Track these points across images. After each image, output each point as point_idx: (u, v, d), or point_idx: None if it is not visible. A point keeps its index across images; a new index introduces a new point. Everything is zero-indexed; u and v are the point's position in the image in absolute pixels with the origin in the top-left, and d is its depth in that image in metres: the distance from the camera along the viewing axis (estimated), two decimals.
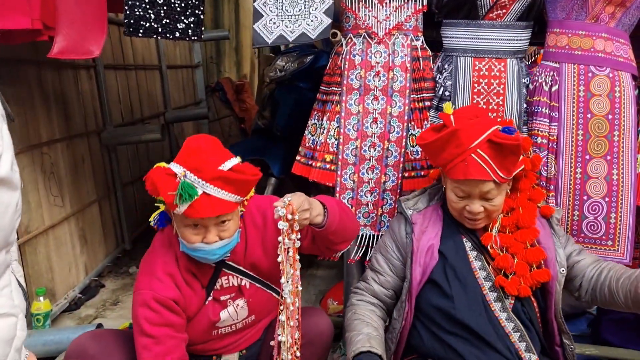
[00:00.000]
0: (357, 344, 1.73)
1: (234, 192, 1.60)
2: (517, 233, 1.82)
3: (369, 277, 1.94)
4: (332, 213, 1.71)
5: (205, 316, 1.81)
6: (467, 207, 1.76)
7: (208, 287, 1.80)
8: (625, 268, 1.78)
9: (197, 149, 1.61)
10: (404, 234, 1.89)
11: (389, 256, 1.91)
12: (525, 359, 1.77)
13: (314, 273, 3.70)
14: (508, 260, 1.78)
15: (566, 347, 1.87)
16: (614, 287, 1.73)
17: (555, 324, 1.86)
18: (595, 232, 2.05)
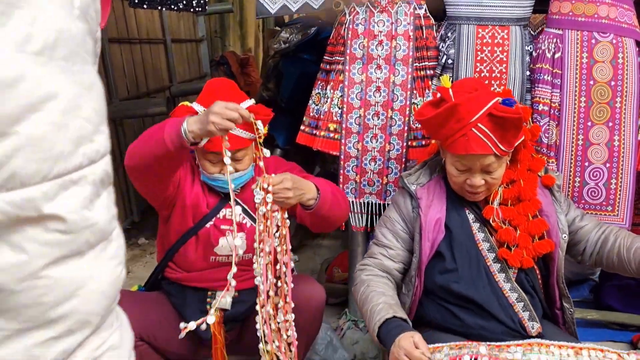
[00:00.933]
0: (380, 312, 1.71)
1: (248, 129, 1.78)
2: (519, 206, 1.82)
3: (376, 252, 1.93)
4: (324, 199, 1.80)
5: (205, 238, 1.97)
6: (468, 180, 1.76)
7: (212, 212, 1.98)
8: (632, 235, 1.80)
9: (216, 90, 1.84)
10: (410, 208, 1.89)
11: (397, 229, 1.91)
12: (528, 328, 1.81)
13: (320, 243, 3.76)
14: (510, 234, 1.80)
15: (566, 311, 1.91)
16: (625, 256, 1.76)
17: (557, 289, 1.90)
18: (596, 198, 2.08)
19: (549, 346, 1.71)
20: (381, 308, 1.71)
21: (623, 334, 2.47)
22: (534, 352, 1.70)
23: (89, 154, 0.49)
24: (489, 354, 1.70)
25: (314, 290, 2.01)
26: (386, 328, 1.66)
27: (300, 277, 2.09)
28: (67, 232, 0.46)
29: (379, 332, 1.67)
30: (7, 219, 0.43)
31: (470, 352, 1.71)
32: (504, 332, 1.80)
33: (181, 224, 2.02)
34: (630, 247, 1.76)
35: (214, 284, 2.02)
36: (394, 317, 1.69)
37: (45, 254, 0.45)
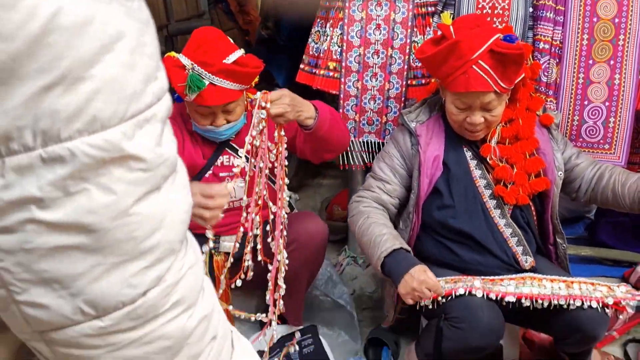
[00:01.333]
0: (386, 243, 1.75)
1: (238, 82, 1.75)
2: (516, 144, 1.84)
3: (373, 185, 1.95)
4: (323, 119, 1.78)
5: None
6: (468, 119, 1.76)
7: (209, 161, 1.98)
8: (626, 172, 1.83)
9: (203, 41, 1.74)
10: (410, 145, 1.91)
11: (395, 165, 1.94)
12: (521, 262, 1.87)
13: (320, 182, 3.79)
14: (507, 171, 1.82)
15: (559, 246, 1.97)
16: (619, 191, 1.79)
17: (551, 225, 1.94)
18: (594, 137, 2.09)
19: (542, 280, 1.78)
20: (386, 239, 1.75)
21: (616, 270, 2.53)
22: (527, 285, 1.76)
23: (156, 92, 0.50)
24: (483, 287, 1.77)
25: (317, 226, 2.04)
26: (394, 259, 1.71)
27: (304, 214, 2.12)
28: (147, 170, 0.49)
29: (384, 262, 1.72)
30: (94, 162, 0.45)
31: (465, 285, 1.78)
32: (499, 266, 1.86)
33: None
34: (625, 182, 1.79)
35: (217, 230, 2.06)
36: (401, 249, 1.74)
37: (132, 193, 0.48)
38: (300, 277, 2.10)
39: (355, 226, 1.89)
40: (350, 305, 2.30)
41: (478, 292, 1.75)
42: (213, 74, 1.71)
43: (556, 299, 1.72)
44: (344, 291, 2.32)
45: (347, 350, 2.24)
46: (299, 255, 2.00)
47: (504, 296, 1.74)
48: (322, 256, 2.13)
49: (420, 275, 1.68)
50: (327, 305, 2.35)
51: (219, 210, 1.64)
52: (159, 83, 0.51)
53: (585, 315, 1.73)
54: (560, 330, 1.82)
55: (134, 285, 0.50)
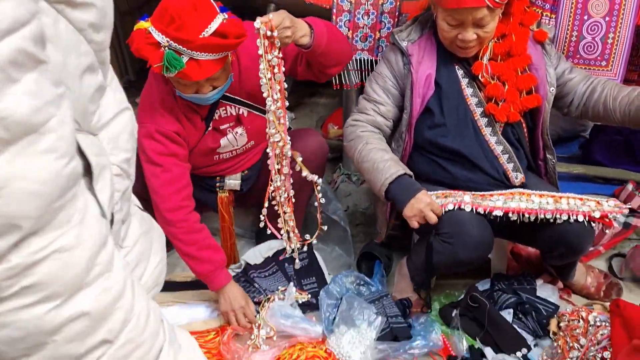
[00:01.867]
0: (390, 169, 1.77)
1: (220, 51, 1.60)
2: (508, 61, 1.81)
3: (368, 108, 1.94)
4: (319, 34, 1.70)
5: (205, 145, 1.94)
6: (460, 35, 1.73)
7: (207, 119, 1.91)
8: (619, 85, 1.82)
9: (176, 14, 1.53)
10: (402, 64, 1.88)
11: (387, 86, 1.92)
12: (511, 178, 1.90)
13: (316, 101, 3.77)
14: (498, 89, 1.81)
15: (548, 162, 1.99)
16: (610, 105, 1.79)
17: (541, 141, 1.95)
18: (591, 53, 2.06)
19: (530, 195, 1.81)
20: (389, 165, 1.77)
21: (607, 188, 2.57)
22: (515, 200, 1.80)
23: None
24: (472, 202, 1.81)
25: (318, 142, 2.07)
26: (398, 184, 1.75)
27: (304, 131, 2.13)
28: None
29: (388, 188, 1.76)
30: None
31: (454, 200, 1.81)
32: (489, 182, 1.89)
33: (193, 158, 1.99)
34: (617, 96, 1.78)
35: (221, 172, 2.07)
36: (404, 174, 1.76)
37: None
38: (301, 193, 2.13)
39: (354, 151, 1.89)
40: (344, 221, 2.35)
41: (467, 207, 1.79)
42: (192, 50, 1.55)
43: (543, 213, 1.76)
44: (338, 207, 2.37)
45: (340, 264, 2.32)
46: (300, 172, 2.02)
47: (492, 210, 1.79)
48: (323, 172, 2.16)
49: (426, 198, 1.74)
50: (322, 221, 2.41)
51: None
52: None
53: (571, 228, 1.78)
54: (546, 244, 1.88)
55: None
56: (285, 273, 2.19)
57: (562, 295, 2.10)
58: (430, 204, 1.73)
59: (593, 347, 1.74)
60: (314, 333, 1.88)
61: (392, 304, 1.97)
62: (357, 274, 2.13)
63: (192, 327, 1.92)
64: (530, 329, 1.88)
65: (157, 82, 1.85)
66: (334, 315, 1.93)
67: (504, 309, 1.93)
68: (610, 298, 2.05)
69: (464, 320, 1.91)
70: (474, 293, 1.91)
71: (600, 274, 2.14)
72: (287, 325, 1.88)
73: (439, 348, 1.85)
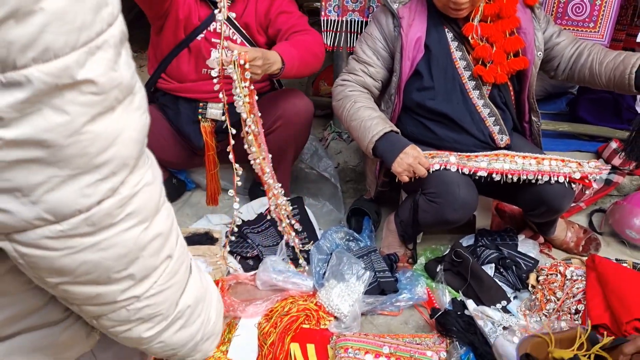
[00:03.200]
0: (377, 127, 1.80)
1: None
2: (498, 22, 1.83)
3: (357, 68, 1.95)
4: (290, 68, 1.84)
5: (197, 51, 2.07)
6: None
7: (203, 23, 2.03)
8: (605, 50, 1.84)
9: None
10: (392, 27, 1.89)
11: (377, 47, 1.93)
12: (497, 140, 1.95)
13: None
14: (487, 50, 1.83)
15: (533, 124, 2.04)
16: (596, 70, 1.81)
17: (527, 104, 1.99)
18: (579, 15, 2.08)
19: (514, 157, 1.87)
20: (376, 123, 1.80)
21: (591, 145, 2.62)
22: (499, 162, 1.86)
23: (106, 19, 0.53)
24: (458, 163, 1.86)
25: (303, 103, 2.11)
26: (386, 140, 1.79)
27: (290, 91, 2.16)
28: (99, 94, 0.53)
29: (375, 145, 1.80)
30: (48, 88, 0.49)
31: (440, 160, 1.87)
32: (475, 144, 1.94)
33: (174, 35, 2.06)
34: (602, 61, 1.81)
35: (205, 95, 2.11)
36: (391, 131, 1.81)
37: (84, 113, 0.53)
38: (286, 152, 2.19)
39: (342, 110, 1.92)
40: (335, 178, 2.41)
41: (452, 167, 1.85)
42: None
43: (525, 174, 1.83)
44: (329, 164, 2.43)
45: (331, 220, 2.39)
46: (285, 131, 2.08)
47: (476, 171, 1.85)
48: (308, 132, 2.20)
49: (414, 152, 1.78)
50: (313, 178, 2.47)
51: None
52: (110, 9, 0.54)
53: (551, 189, 1.85)
54: (527, 203, 1.96)
55: (88, 195, 0.56)
56: (277, 229, 2.26)
57: (543, 250, 2.20)
58: (417, 157, 1.78)
59: (568, 299, 1.85)
60: (305, 287, 1.96)
61: (379, 259, 2.05)
62: (346, 230, 2.21)
63: None
64: (511, 282, 1.98)
65: None
66: (324, 270, 2.01)
67: (486, 264, 2.02)
68: (588, 252, 2.15)
69: (448, 275, 2.00)
70: (457, 249, 1.99)
71: (580, 229, 2.22)
72: (279, 279, 1.96)
73: (424, 300, 1.94)
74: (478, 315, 1.83)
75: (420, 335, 1.82)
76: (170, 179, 2.39)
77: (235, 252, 2.14)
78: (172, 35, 2.06)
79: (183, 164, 2.34)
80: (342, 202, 2.43)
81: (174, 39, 2.07)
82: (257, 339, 1.82)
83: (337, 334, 1.80)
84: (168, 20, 2.04)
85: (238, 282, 2.04)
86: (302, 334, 1.80)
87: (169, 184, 2.38)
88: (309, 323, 1.84)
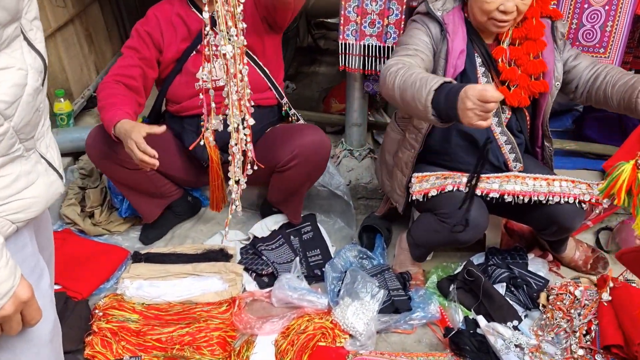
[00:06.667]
0: (432, 80, 1.56)
1: None
2: (525, 44, 1.86)
3: (408, 53, 1.80)
4: None
5: (187, 68, 2.11)
6: (501, 6, 1.75)
7: (196, 39, 2.07)
8: (621, 72, 1.85)
9: None
10: (438, 30, 1.86)
11: (424, 44, 1.84)
12: (511, 167, 1.99)
13: (315, 70, 3.80)
14: (514, 72, 1.86)
15: (546, 149, 2.08)
16: (609, 92, 1.83)
17: (541, 130, 2.04)
18: (590, 40, 2.12)
19: (525, 178, 1.92)
20: (433, 77, 1.59)
21: (597, 163, 2.67)
22: (510, 183, 1.90)
23: None
24: None
25: (320, 141, 2.09)
26: (444, 89, 1.54)
27: (307, 127, 2.17)
28: None
29: (434, 95, 1.54)
30: None
31: (453, 182, 1.91)
32: (488, 169, 1.98)
33: (167, 68, 2.15)
34: (615, 83, 1.82)
35: (201, 110, 2.13)
36: (450, 82, 1.59)
37: None
38: (302, 186, 2.22)
39: (396, 78, 1.67)
40: (347, 195, 2.44)
41: (465, 189, 1.89)
42: None
43: (536, 195, 1.87)
44: (341, 182, 2.46)
45: (342, 236, 2.43)
46: (303, 168, 2.10)
47: (488, 192, 1.89)
48: (324, 167, 2.20)
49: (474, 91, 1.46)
50: (324, 195, 2.51)
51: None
52: None
53: (562, 209, 1.90)
54: (539, 223, 2.00)
55: None
56: (291, 245, 2.30)
57: (552, 268, 2.24)
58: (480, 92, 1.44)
59: (579, 320, 1.88)
60: (320, 305, 2.00)
61: (393, 277, 2.09)
62: (359, 248, 2.25)
63: (205, 298, 2.03)
64: (522, 301, 2.02)
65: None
66: (338, 288, 2.05)
67: (497, 283, 2.06)
68: (596, 271, 2.19)
69: (460, 293, 2.04)
70: (470, 267, 2.03)
71: (588, 248, 2.27)
72: (294, 297, 2.00)
73: (437, 319, 1.98)
74: (489, 331, 1.87)
75: (434, 354, 1.86)
76: (186, 196, 2.42)
77: (250, 269, 2.18)
78: (166, 69, 2.15)
79: (196, 181, 2.37)
80: (354, 218, 2.46)
81: (168, 70, 2.15)
82: (275, 356, 1.85)
83: (353, 352, 1.84)
84: (160, 67, 2.15)
85: (254, 299, 2.07)
86: (319, 352, 1.83)
87: (185, 201, 2.42)
88: (325, 341, 1.88)
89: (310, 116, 2.76)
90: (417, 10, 1.96)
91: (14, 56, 0.88)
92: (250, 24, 2.01)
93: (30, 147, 0.96)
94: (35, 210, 0.96)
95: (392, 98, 1.70)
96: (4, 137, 0.87)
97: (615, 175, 1.41)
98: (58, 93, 2.74)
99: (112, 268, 2.16)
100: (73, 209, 2.37)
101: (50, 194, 1.01)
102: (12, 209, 0.92)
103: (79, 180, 2.51)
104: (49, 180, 1.01)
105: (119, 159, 2.07)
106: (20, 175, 0.93)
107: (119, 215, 2.40)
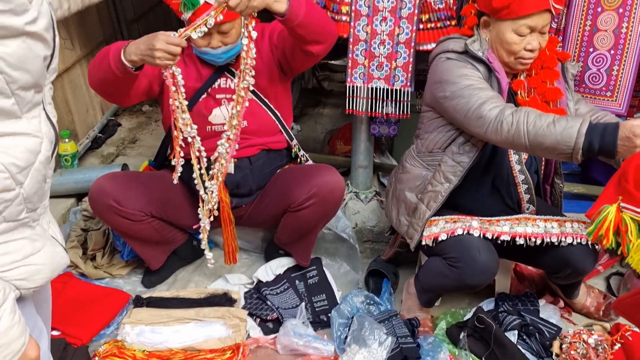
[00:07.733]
0: (576, 122, 1.57)
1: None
2: (541, 72, 1.89)
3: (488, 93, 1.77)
4: (297, 3, 1.69)
5: (198, 109, 2.06)
6: (528, 45, 1.79)
7: (207, 82, 2.05)
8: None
9: None
10: (484, 70, 1.85)
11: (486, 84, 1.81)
12: (523, 208, 1.97)
13: (320, 112, 3.83)
14: (535, 101, 1.88)
15: (556, 186, 2.08)
16: None
17: (553, 168, 2.03)
18: (596, 83, 2.13)
19: (536, 220, 1.89)
20: (572, 119, 1.61)
21: None
22: (521, 225, 1.88)
23: None
24: (480, 227, 1.88)
25: (335, 181, 2.07)
26: (596, 127, 1.57)
27: (322, 167, 2.15)
28: None
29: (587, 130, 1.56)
30: None
31: (463, 225, 1.89)
32: (501, 209, 1.96)
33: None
34: None
35: (214, 153, 2.11)
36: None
37: None
38: (316, 226, 2.20)
39: (522, 123, 1.66)
40: (353, 239, 2.40)
41: (475, 232, 1.86)
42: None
43: (548, 237, 1.84)
44: (347, 225, 2.43)
45: (348, 281, 2.38)
46: (318, 208, 2.07)
47: (499, 235, 1.86)
48: (338, 207, 2.18)
49: (628, 124, 1.54)
50: (330, 238, 2.47)
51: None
52: None
53: (575, 251, 1.86)
54: (551, 265, 1.96)
55: None
56: (296, 290, 2.25)
57: (563, 314, 2.18)
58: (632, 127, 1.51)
59: None
60: (327, 352, 1.94)
61: (401, 323, 2.03)
62: (366, 294, 2.20)
63: (209, 344, 1.97)
64: (534, 350, 1.96)
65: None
66: (345, 335, 1.99)
67: (508, 331, 2.00)
68: (609, 318, 2.14)
69: (471, 341, 1.98)
70: (480, 314, 1.98)
71: (600, 294, 2.22)
72: (300, 344, 1.94)
73: None
74: None
75: None
76: (191, 240, 2.38)
77: (254, 314, 2.13)
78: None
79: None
80: (360, 262, 2.42)
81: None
82: None
83: None
84: (165, 94, 2.04)
85: (258, 345, 2.01)
86: None
87: (189, 245, 2.38)
88: None
89: (316, 158, 2.75)
90: (447, 49, 1.90)
91: (32, 123, 0.90)
92: (266, 69, 2.03)
93: (35, 219, 0.97)
94: (41, 278, 0.96)
95: (512, 144, 1.71)
96: (14, 202, 0.88)
97: (601, 218, 1.48)
98: (63, 134, 2.74)
99: (113, 313, 2.11)
100: (75, 251, 2.34)
101: (56, 264, 1.01)
102: (18, 274, 0.92)
103: (82, 222, 2.48)
104: (54, 250, 1.02)
105: (123, 211, 2.04)
106: (26, 242, 0.94)
107: (121, 258, 2.36)
